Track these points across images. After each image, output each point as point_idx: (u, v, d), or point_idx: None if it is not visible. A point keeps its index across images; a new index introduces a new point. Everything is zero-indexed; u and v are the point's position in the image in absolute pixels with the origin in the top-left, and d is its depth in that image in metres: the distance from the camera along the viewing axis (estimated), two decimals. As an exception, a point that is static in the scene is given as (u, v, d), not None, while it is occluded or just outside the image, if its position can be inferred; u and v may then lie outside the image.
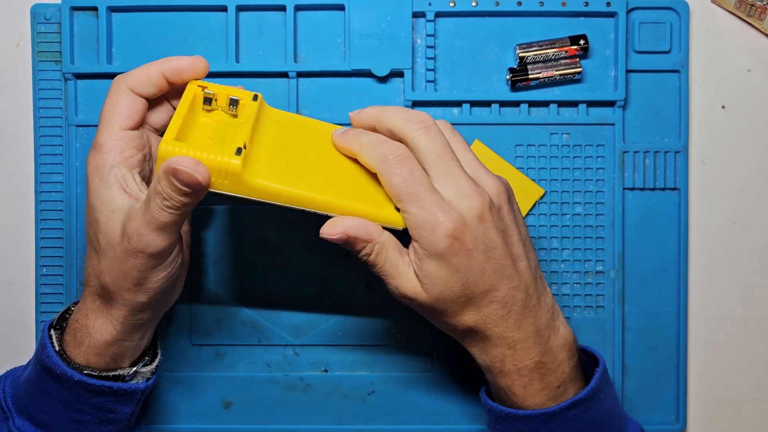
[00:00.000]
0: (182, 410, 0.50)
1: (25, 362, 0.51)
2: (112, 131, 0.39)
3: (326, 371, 0.51)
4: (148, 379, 0.42)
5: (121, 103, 0.39)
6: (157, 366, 0.43)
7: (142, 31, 0.50)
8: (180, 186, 0.35)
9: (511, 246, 0.39)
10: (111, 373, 0.40)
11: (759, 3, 0.49)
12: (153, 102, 0.42)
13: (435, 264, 0.38)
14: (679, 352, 0.50)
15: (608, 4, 0.49)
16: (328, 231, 0.38)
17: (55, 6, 0.50)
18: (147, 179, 0.42)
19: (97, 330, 0.39)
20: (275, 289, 0.50)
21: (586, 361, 0.43)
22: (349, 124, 0.50)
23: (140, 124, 0.41)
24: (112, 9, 0.50)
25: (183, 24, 0.50)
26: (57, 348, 0.40)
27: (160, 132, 0.43)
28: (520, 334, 0.39)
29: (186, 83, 0.41)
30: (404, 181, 0.37)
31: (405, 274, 0.39)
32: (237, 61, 0.50)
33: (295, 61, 0.50)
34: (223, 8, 0.50)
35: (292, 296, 0.50)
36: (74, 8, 0.50)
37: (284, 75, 0.50)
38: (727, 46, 0.51)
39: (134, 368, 0.41)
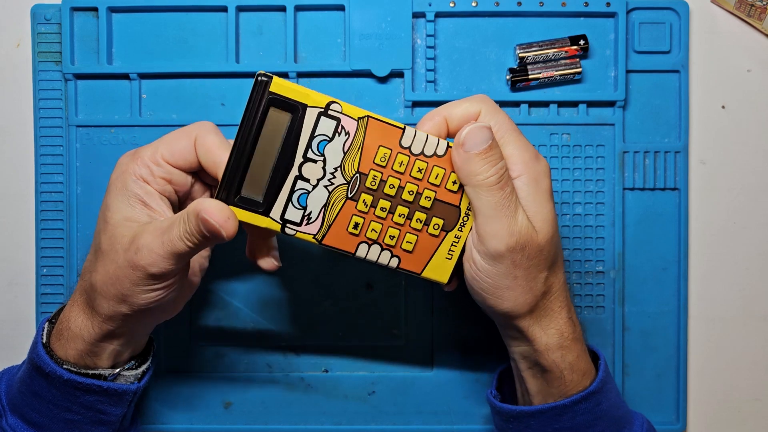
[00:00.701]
0: (182, 410, 0.50)
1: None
2: (158, 155, 0.39)
3: (326, 371, 0.51)
4: (139, 380, 0.42)
5: (182, 144, 0.39)
6: (144, 372, 0.43)
7: (142, 32, 0.50)
8: (205, 232, 0.35)
9: None
10: (90, 371, 0.40)
11: (759, 3, 0.49)
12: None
13: (540, 200, 0.38)
14: (679, 352, 0.50)
15: (608, 4, 0.49)
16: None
17: (56, 6, 0.50)
18: (175, 205, 0.41)
19: (77, 326, 0.39)
20: (275, 289, 0.50)
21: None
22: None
23: (186, 179, 0.41)
24: (112, 9, 0.50)
25: (183, 24, 0.50)
26: (44, 340, 0.40)
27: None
28: (568, 300, 0.41)
29: None
30: (512, 128, 0.39)
31: (519, 213, 0.38)
32: (237, 61, 0.50)
33: (295, 61, 0.50)
34: (223, 8, 0.50)
35: (292, 296, 0.50)
36: (74, 9, 0.50)
37: (284, 75, 0.50)
38: (727, 46, 0.51)
39: (116, 370, 0.41)
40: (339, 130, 0.38)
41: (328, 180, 0.38)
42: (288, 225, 0.37)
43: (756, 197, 0.51)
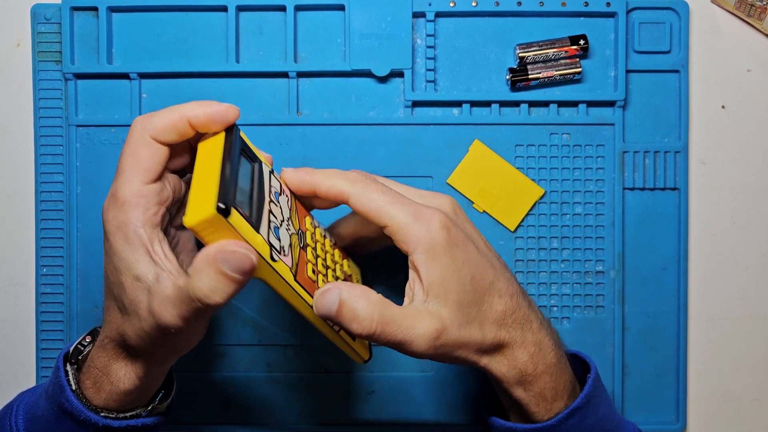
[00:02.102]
0: (182, 410, 0.50)
1: (24, 362, 0.51)
2: (133, 186, 0.35)
3: (326, 371, 0.51)
4: (166, 409, 0.41)
5: (144, 154, 0.35)
6: (172, 399, 0.42)
7: (142, 31, 0.50)
8: (233, 274, 0.32)
9: (484, 240, 0.40)
10: (129, 413, 0.39)
11: (759, 3, 0.49)
12: (174, 147, 0.37)
13: (442, 262, 0.36)
14: (679, 352, 0.50)
15: (608, 4, 0.49)
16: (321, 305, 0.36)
17: (56, 6, 0.50)
18: (168, 223, 0.39)
19: (120, 379, 0.37)
20: (275, 289, 0.50)
21: (578, 366, 0.42)
22: (349, 124, 0.50)
23: (162, 174, 0.36)
24: (112, 9, 0.50)
25: (183, 24, 0.50)
26: (74, 386, 0.38)
27: (179, 173, 0.39)
28: (536, 327, 0.38)
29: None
30: (382, 193, 0.36)
31: (416, 314, 0.36)
32: (237, 61, 0.50)
33: (295, 61, 0.50)
34: (223, 8, 0.50)
35: (292, 296, 0.50)
36: (74, 8, 0.50)
37: (284, 75, 0.50)
38: (727, 46, 0.51)
39: (150, 406, 0.40)
40: (283, 190, 0.38)
41: (286, 226, 0.37)
42: (273, 250, 0.34)
43: (756, 197, 0.51)
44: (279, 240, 0.35)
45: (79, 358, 0.39)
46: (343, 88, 0.50)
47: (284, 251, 0.35)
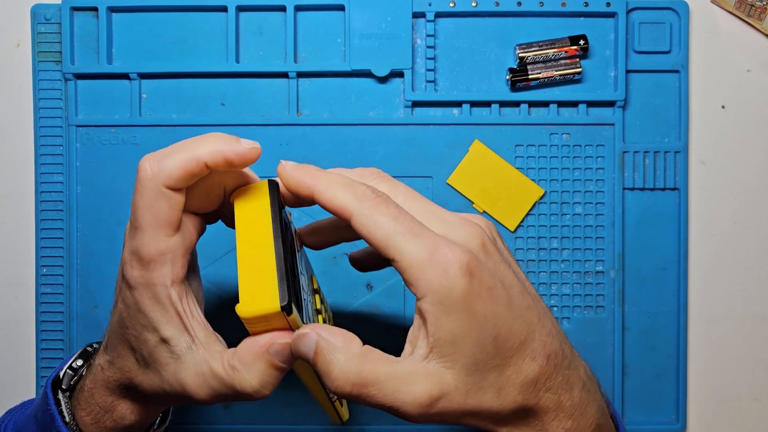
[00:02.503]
0: (182, 410, 0.50)
1: (23, 362, 0.51)
2: (158, 243, 0.31)
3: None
4: None
5: (161, 206, 0.31)
6: (168, 423, 0.40)
7: (142, 32, 0.50)
8: (283, 365, 0.31)
9: (524, 282, 0.32)
10: None
11: (759, 3, 0.49)
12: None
13: (457, 317, 0.28)
14: (679, 352, 0.50)
15: (608, 4, 0.49)
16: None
17: (56, 6, 0.50)
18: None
19: (123, 416, 0.35)
20: (275, 289, 0.50)
21: None
22: (349, 124, 0.50)
23: (179, 222, 0.32)
24: (112, 9, 0.50)
25: (183, 24, 0.50)
26: (67, 418, 0.36)
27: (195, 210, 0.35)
28: (574, 395, 0.31)
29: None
30: (394, 218, 0.29)
31: (408, 375, 0.29)
32: (237, 61, 0.50)
33: (295, 61, 0.50)
34: (223, 8, 0.50)
35: (292, 296, 0.50)
36: (74, 8, 0.50)
37: (284, 75, 0.50)
38: (727, 46, 0.51)
39: None
40: (295, 238, 0.35)
41: (310, 298, 0.35)
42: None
43: (756, 197, 0.51)
44: (309, 319, 0.33)
45: (71, 383, 0.37)
46: (343, 88, 0.50)
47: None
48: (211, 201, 0.34)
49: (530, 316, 0.30)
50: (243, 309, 0.29)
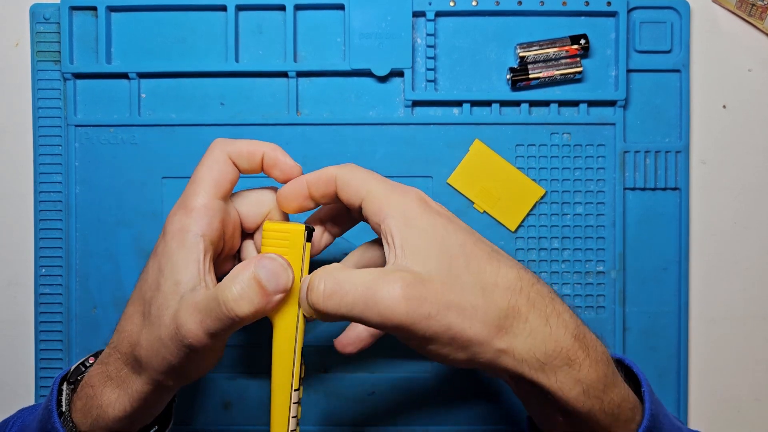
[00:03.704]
0: (182, 410, 0.50)
1: (23, 363, 0.51)
2: (206, 197, 0.36)
3: (326, 371, 0.51)
4: None
5: (221, 169, 0.37)
6: None
7: (141, 31, 0.50)
8: (266, 285, 0.33)
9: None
10: None
11: (760, 3, 0.49)
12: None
13: (419, 230, 0.33)
14: (679, 352, 0.50)
15: (609, 3, 0.49)
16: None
17: (54, 6, 0.50)
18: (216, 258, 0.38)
19: (110, 404, 0.36)
20: (275, 289, 0.50)
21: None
22: (349, 124, 0.50)
23: (228, 196, 0.38)
24: (112, 9, 0.50)
25: (182, 23, 0.50)
26: (65, 408, 0.37)
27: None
28: (551, 304, 0.34)
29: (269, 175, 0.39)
30: (367, 172, 0.36)
31: (380, 273, 0.32)
32: (236, 60, 0.50)
33: (295, 60, 0.50)
34: (223, 8, 0.49)
35: (292, 296, 0.50)
36: (73, 8, 0.50)
37: (284, 75, 0.50)
38: (728, 45, 0.51)
39: None
40: None
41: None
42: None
43: (757, 197, 0.51)
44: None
45: (78, 378, 0.38)
46: (342, 87, 0.50)
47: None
48: (234, 239, 0.39)
49: (487, 241, 0.35)
50: None
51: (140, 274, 0.37)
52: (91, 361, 0.39)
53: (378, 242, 0.40)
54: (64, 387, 0.38)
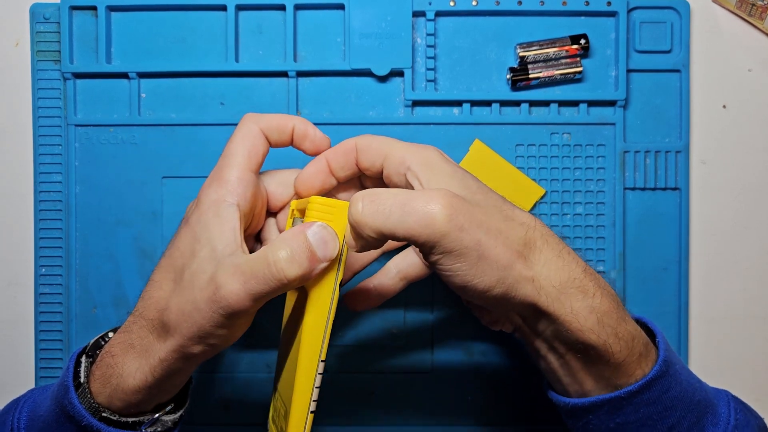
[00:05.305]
0: (182, 410, 0.50)
1: (23, 363, 0.51)
2: (240, 169, 0.37)
3: (326, 371, 0.51)
4: (175, 425, 0.39)
5: (253, 142, 0.38)
6: (181, 416, 0.39)
7: (141, 31, 0.50)
8: (316, 251, 0.34)
9: None
10: (130, 419, 0.37)
11: (760, 3, 0.49)
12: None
13: (440, 174, 0.35)
14: (679, 352, 0.50)
15: (609, 3, 0.49)
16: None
17: (54, 5, 0.50)
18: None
19: (130, 374, 0.36)
20: (275, 289, 0.50)
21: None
22: (349, 124, 0.50)
23: (259, 169, 0.39)
24: (112, 8, 0.50)
25: (182, 23, 0.50)
26: (83, 379, 0.37)
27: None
28: (558, 241, 0.36)
29: (297, 148, 0.40)
30: (384, 138, 0.38)
31: (424, 191, 0.34)
32: (236, 60, 0.50)
33: (295, 60, 0.50)
34: (223, 7, 0.49)
35: (292, 296, 0.50)
36: (73, 8, 0.50)
37: (284, 74, 0.50)
38: (728, 45, 0.51)
39: (156, 414, 0.38)
40: None
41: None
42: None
43: (757, 197, 0.51)
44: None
45: (97, 352, 0.38)
46: (342, 87, 0.50)
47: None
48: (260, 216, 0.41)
49: (495, 195, 0.36)
50: None
51: (169, 243, 0.38)
52: (110, 336, 0.39)
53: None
54: (83, 359, 0.38)
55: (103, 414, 0.36)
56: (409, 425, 0.50)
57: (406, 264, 0.44)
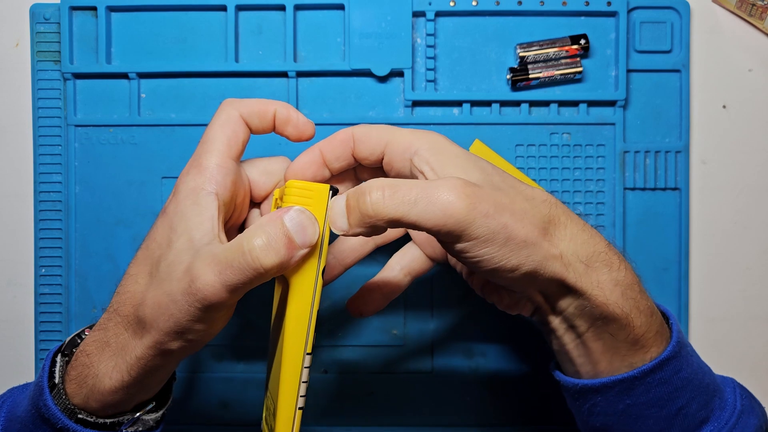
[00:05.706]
0: (182, 410, 0.50)
1: (22, 363, 0.51)
2: (219, 157, 0.36)
3: (326, 371, 0.51)
4: (157, 424, 0.38)
5: (232, 128, 0.36)
6: (163, 414, 0.38)
7: (141, 31, 0.50)
8: (294, 238, 0.33)
9: None
10: (108, 420, 0.35)
11: (760, 3, 0.49)
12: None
13: (451, 158, 0.34)
14: (679, 353, 0.50)
15: (609, 3, 0.49)
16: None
17: (55, 6, 0.50)
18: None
19: (106, 373, 0.34)
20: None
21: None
22: (349, 124, 0.50)
23: (240, 156, 0.38)
24: (112, 9, 0.50)
25: (182, 23, 0.50)
26: (57, 379, 0.35)
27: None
28: (578, 219, 0.35)
29: (279, 134, 0.39)
30: (385, 125, 0.37)
31: (439, 179, 0.33)
32: (236, 60, 0.50)
33: (295, 60, 0.50)
34: (223, 8, 0.49)
35: (292, 296, 0.50)
36: (73, 8, 0.50)
37: (284, 75, 0.50)
38: (728, 45, 0.51)
39: (137, 414, 0.36)
40: None
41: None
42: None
43: (757, 197, 0.51)
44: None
45: (73, 350, 0.37)
46: (342, 87, 0.50)
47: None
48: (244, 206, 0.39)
49: (501, 172, 0.35)
50: None
51: (146, 235, 0.36)
52: (87, 333, 0.37)
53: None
54: (58, 359, 0.36)
55: (80, 416, 0.35)
56: (409, 425, 0.50)
57: (409, 259, 0.44)
